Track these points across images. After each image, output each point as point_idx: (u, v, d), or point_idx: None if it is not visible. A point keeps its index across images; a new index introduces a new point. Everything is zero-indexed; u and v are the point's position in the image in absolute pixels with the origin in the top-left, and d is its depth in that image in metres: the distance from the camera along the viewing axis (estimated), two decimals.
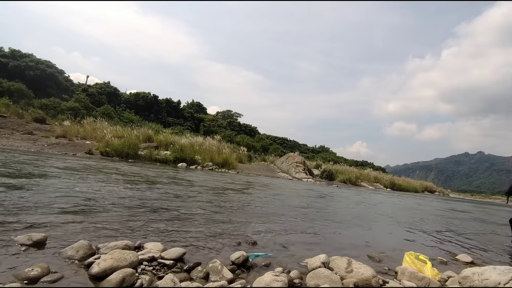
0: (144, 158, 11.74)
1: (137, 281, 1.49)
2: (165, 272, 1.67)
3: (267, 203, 5.08)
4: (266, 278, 1.64)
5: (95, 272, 1.48)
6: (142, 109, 31.36)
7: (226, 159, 14.61)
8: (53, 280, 1.40)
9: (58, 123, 14.85)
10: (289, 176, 17.18)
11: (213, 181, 7.90)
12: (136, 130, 14.20)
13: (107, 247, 1.81)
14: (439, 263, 2.71)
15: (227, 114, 47.54)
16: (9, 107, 14.79)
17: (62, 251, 1.71)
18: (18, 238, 1.79)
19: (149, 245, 1.98)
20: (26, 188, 3.32)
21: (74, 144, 11.68)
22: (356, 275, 1.83)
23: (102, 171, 6.26)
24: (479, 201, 26.96)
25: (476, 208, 13.12)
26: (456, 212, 9.26)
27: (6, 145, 9.57)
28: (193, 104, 41.45)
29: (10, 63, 27.22)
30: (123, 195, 3.82)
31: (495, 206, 17.69)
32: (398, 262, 2.42)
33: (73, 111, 19.95)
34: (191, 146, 14.61)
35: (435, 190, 29.27)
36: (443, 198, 20.38)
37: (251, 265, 1.97)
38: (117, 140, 11.84)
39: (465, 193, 77.03)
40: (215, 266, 1.75)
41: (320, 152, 39.67)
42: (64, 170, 5.54)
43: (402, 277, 2.04)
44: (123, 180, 5.27)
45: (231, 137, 25.56)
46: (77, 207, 2.84)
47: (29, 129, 12.61)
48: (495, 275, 1.87)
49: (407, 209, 7.94)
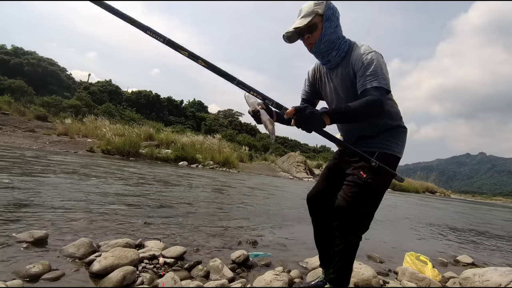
0: (145, 157, 11.76)
1: (138, 279, 1.49)
2: (166, 270, 1.67)
3: (268, 202, 5.08)
4: (266, 277, 1.64)
5: (96, 270, 1.48)
6: (143, 107, 31.37)
7: (227, 158, 14.60)
8: (54, 277, 1.40)
9: (59, 121, 14.86)
10: (290, 176, 17.18)
11: (213, 180, 7.91)
12: (137, 129, 14.21)
13: (108, 245, 1.81)
14: (440, 264, 2.71)
15: (229, 113, 47.52)
16: (11, 104, 14.82)
17: (63, 248, 1.71)
18: (19, 235, 1.79)
19: (150, 243, 1.98)
20: (27, 186, 3.33)
21: (76, 142, 11.71)
22: (356, 275, 1.83)
23: (103, 169, 6.27)
24: (480, 202, 26.89)
25: (476, 208, 13.08)
26: (456, 212, 9.25)
27: (8, 143, 9.60)
28: (194, 103, 41.43)
29: (12, 60, 27.27)
30: (124, 193, 3.83)
31: (496, 207, 17.65)
32: (398, 263, 2.42)
33: (74, 109, 19.98)
34: (192, 145, 14.60)
35: (436, 191, 29.18)
36: (443, 199, 20.33)
37: (251, 264, 1.97)
38: (118, 138, 11.85)
39: (466, 194, 76.89)
40: (216, 265, 1.75)
41: (321, 152, 39.64)
42: (65, 168, 5.56)
43: (402, 278, 2.04)
44: (124, 178, 5.28)
45: (232, 136, 25.54)
46: (78, 204, 2.85)
47: (31, 126, 12.63)
48: (496, 276, 1.87)
49: (407, 209, 7.93)
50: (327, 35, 1.26)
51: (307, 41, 1.30)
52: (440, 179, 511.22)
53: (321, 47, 1.28)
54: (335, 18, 1.28)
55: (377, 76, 1.18)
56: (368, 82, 1.18)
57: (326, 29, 1.25)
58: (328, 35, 1.26)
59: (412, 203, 10.96)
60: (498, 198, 64.33)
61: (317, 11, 1.24)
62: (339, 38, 1.29)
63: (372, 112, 1.17)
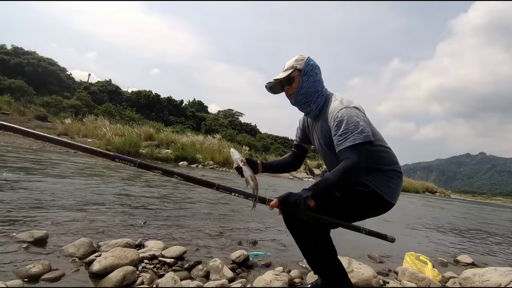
0: (145, 157, 11.76)
1: (138, 279, 1.49)
2: (166, 270, 1.67)
3: None
4: (266, 277, 1.64)
5: (96, 270, 1.48)
6: (143, 107, 31.36)
7: (227, 158, 14.60)
8: (54, 277, 1.40)
9: (59, 121, 14.86)
10: (290, 176, 17.17)
11: (214, 180, 7.90)
12: (137, 128, 14.21)
13: (108, 245, 1.81)
14: (440, 264, 2.71)
15: (229, 113, 47.52)
16: (11, 104, 14.84)
17: (63, 248, 1.71)
18: (19, 235, 1.79)
19: (150, 243, 1.98)
20: (27, 186, 3.33)
21: (76, 142, 11.72)
22: (356, 275, 1.83)
23: (103, 169, 6.27)
24: (480, 202, 26.90)
25: (479, 208, 13.09)
26: (456, 212, 9.25)
27: (8, 143, 9.60)
28: (194, 103, 41.43)
29: (12, 60, 27.26)
30: (124, 193, 3.83)
31: (497, 208, 17.65)
32: (398, 263, 2.42)
33: (74, 109, 19.99)
34: (192, 145, 14.60)
35: (436, 191, 29.17)
36: (443, 199, 20.33)
37: (251, 264, 1.97)
38: (118, 138, 11.85)
39: (466, 194, 76.94)
40: (216, 265, 1.75)
41: None
42: (65, 168, 5.56)
43: (402, 278, 2.04)
44: (124, 178, 5.28)
45: (232, 136, 25.52)
46: (78, 204, 2.85)
47: (31, 126, 12.64)
48: (496, 276, 1.86)
49: (406, 209, 7.93)
50: (304, 88, 1.36)
51: (287, 92, 1.42)
52: (440, 179, 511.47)
53: (299, 98, 1.38)
54: (314, 74, 1.37)
55: (350, 134, 1.19)
56: (342, 142, 1.21)
57: (303, 83, 1.35)
58: (305, 88, 1.36)
59: (412, 203, 10.95)
60: (498, 198, 64.37)
61: (296, 66, 1.36)
62: (317, 92, 1.38)
63: (350, 176, 1.18)
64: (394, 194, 1.39)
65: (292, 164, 1.67)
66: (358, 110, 1.26)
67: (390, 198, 1.37)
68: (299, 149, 1.66)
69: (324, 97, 1.38)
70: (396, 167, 1.41)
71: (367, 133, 1.20)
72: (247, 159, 1.45)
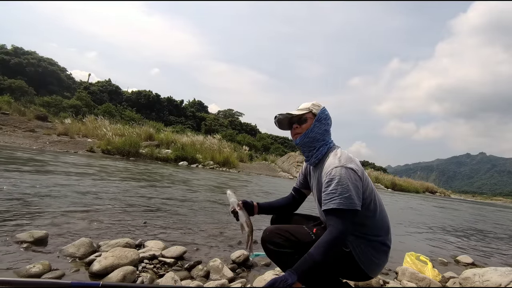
0: (145, 156, 11.76)
1: (138, 279, 1.49)
2: (166, 270, 1.67)
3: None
4: (266, 277, 1.64)
5: (96, 270, 1.48)
6: (143, 107, 31.38)
7: (227, 158, 14.61)
8: (54, 277, 1.40)
9: (59, 121, 14.86)
10: (290, 176, 17.17)
11: (213, 179, 7.91)
12: (138, 128, 14.21)
13: (108, 245, 1.81)
14: (440, 264, 2.71)
15: (229, 113, 47.52)
16: (11, 104, 14.83)
17: (63, 248, 1.71)
18: (19, 235, 1.79)
19: (150, 243, 1.98)
20: (27, 186, 3.33)
21: (76, 142, 11.71)
22: None
23: (103, 169, 6.27)
24: (480, 202, 26.90)
25: (476, 209, 13.08)
26: (455, 212, 9.25)
27: (8, 142, 9.60)
28: (194, 103, 41.43)
29: (12, 60, 27.27)
30: (124, 193, 3.83)
31: (497, 208, 17.65)
32: (398, 263, 2.42)
33: (74, 109, 20.00)
34: (192, 145, 14.60)
35: (436, 190, 29.16)
36: (443, 199, 20.33)
37: (251, 264, 1.97)
38: (118, 138, 11.85)
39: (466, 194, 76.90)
40: (216, 265, 1.75)
41: None
42: (65, 168, 5.56)
43: (402, 278, 2.04)
44: (124, 178, 5.28)
45: (232, 136, 25.53)
46: (78, 204, 2.85)
47: (31, 126, 12.63)
48: (496, 276, 1.86)
49: (406, 209, 7.93)
50: (314, 132, 1.34)
51: (295, 131, 1.39)
52: (440, 179, 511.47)
53: (305, 140, 1.36)
54: (326, 123, 1.37)
55: (336, 196, 1.14)
56: (327, 202, 1.16)
57: (314, 127, 1.35)
58: (314, 133, 1.34)
59: (412, 203, 10.95)
60: (498, 198, 64.33)
61: (312, 110, 1.36)
62: (324, 140, 1.36)
63: (336, 248, 1.13)
64: (374, 267, 1.29)
65: (289, 207, 1.65)
66: (354, 172, 1.20)
67: (367, 270, 1.26)
68: (298, 194, 1.63)
69: (327, 148, 1.35)
70: (383, 240, 1.31)
71: (353, 200, 1.14)
72: (244, 202, 1.44)
